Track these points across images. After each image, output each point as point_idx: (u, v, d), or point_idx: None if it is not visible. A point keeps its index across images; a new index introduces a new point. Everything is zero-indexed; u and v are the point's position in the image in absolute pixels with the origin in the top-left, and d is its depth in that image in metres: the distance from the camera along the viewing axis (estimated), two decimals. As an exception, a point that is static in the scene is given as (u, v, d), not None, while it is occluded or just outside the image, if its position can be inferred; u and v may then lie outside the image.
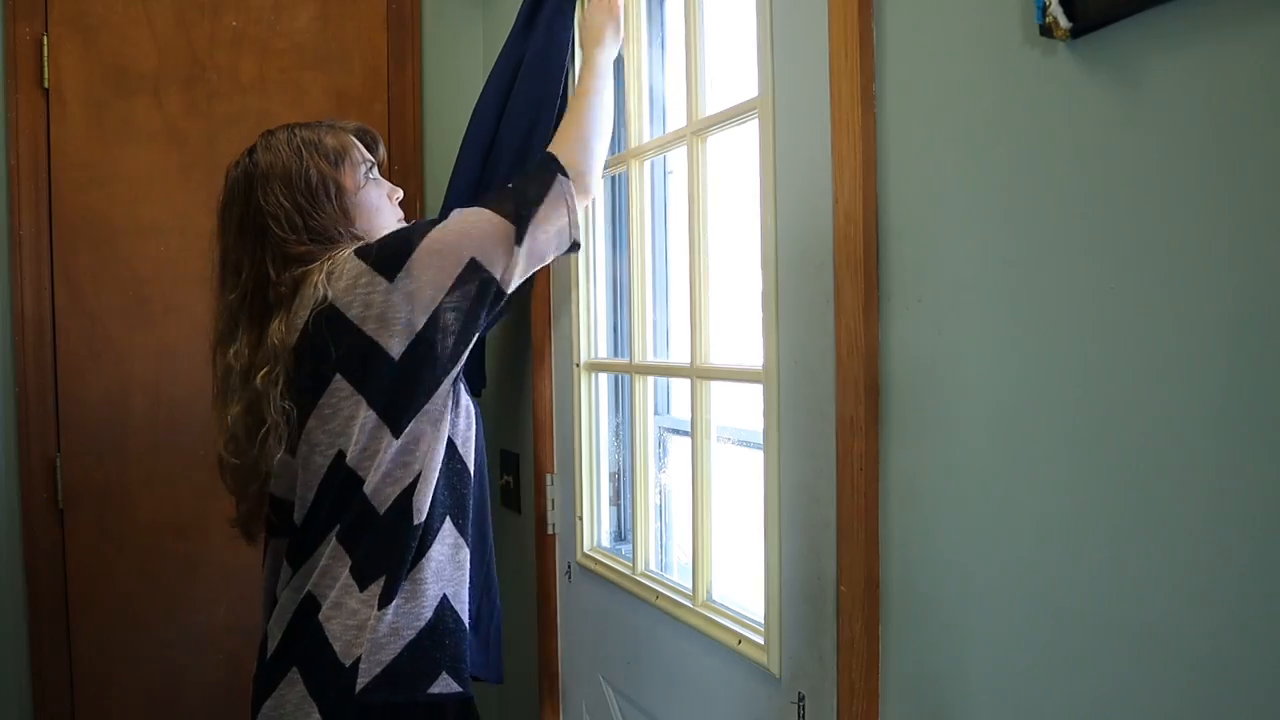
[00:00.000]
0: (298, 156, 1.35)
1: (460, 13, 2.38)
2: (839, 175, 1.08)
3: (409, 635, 1.28)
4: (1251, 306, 0.69)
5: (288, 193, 1.33)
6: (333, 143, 1.39)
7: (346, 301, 1.25)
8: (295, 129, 1.40)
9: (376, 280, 1.25)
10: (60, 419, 2.13)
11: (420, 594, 1.30)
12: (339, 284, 1.26)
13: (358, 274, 1.26)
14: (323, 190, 1.35)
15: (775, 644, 1.24)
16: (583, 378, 1.80)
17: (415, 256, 1.25)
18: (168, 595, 2.21)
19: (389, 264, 1.25)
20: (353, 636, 1.26)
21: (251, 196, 1.34)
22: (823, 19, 1.10)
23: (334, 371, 1.27)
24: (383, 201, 1.44)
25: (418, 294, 1.25)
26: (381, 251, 1.28)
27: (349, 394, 1.27)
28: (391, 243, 1.29)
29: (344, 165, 1.38)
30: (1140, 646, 0.78)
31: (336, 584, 1.28)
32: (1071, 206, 0.83)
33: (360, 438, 1.27)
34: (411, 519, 1.28)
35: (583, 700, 1.84)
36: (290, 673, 1.29)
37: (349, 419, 1.27)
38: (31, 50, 2.09)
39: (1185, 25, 0.72)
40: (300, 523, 1.34)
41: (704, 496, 1.44)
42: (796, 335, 1.19)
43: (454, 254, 1.26)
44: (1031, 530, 0.88)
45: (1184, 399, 0.74)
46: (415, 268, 1.25)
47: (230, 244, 1.37)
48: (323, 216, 1.34)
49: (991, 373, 0.92)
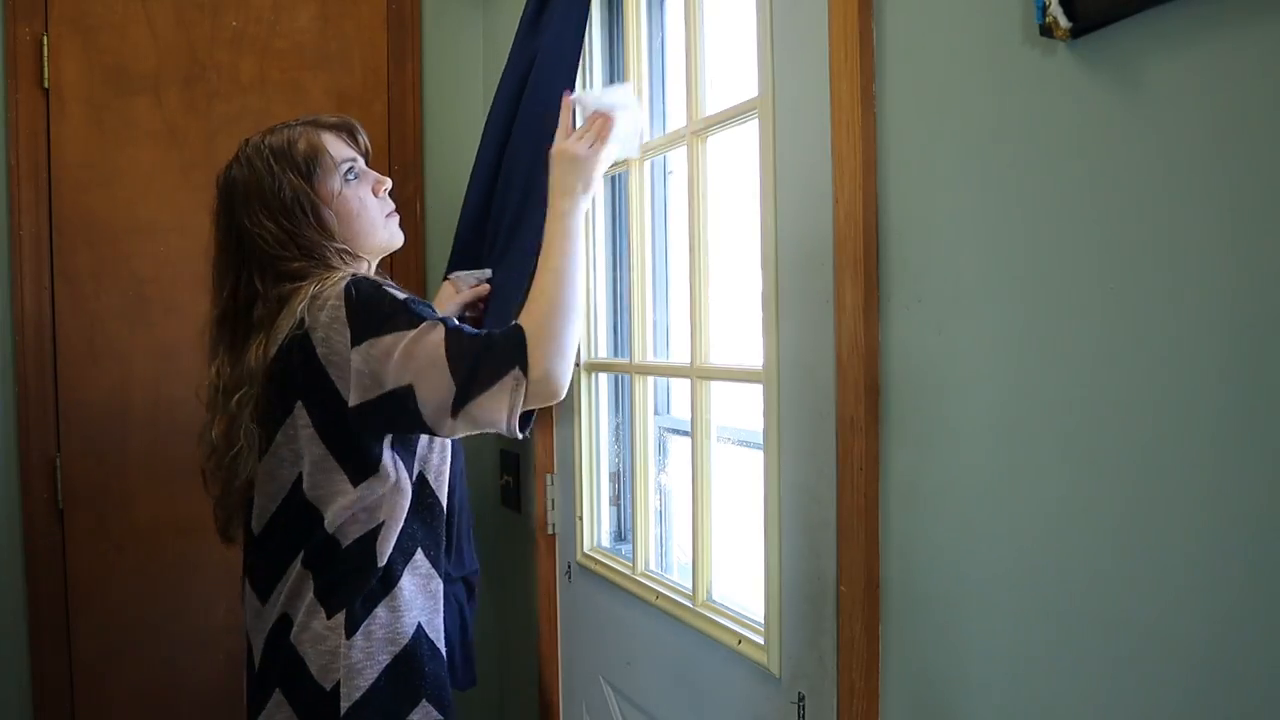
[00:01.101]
0: (269, 173, 1.31)
1: (460, 13, 2.38)
2: (839, 175, 1.08)
3: (384, 660, 1.27)
4: (1252, 306, 0.69)
5: (268, 213, 1.30)
6: (304, 148, 1.34)
7: (318, 336, 1.22)
8: (267, 138, 1.35)
9: (344, 330, 1.21)
10: (60, 419, 2.13)
11: (395, 621, 1.29)
12: (319, 314, 1.23)
13: (335, 316, 1.22)
14: (298, 207, 1.30)
15: (775, 644, 1.24)
16: (583, 378, 1.80)
17: (378, 341, 1.20)
18: (168, 595, 2.20)
19: (359, 327, 1.21)
20: (326, 661, 1.26)
21: (235, 214, 1.32)
22: (823, 19, 1.10)
23: (296, 399, 1.26)
24: (363, 204, 1.37)
25: (369, 370, 1.21)
26: (363, 309, 1.22)
27: (306, 424, 1.26)
28: (377, 308, 1.22)
29: (316, 173, 1.33)
30: (1141, 647, 0.78)
31: (304, 605, 1.28)
32: (1071, 206, 0.83)
33: (316, 473, 1.27)
34: (375, 560, 1.27)
35: (583, 700, 1.84)
36: (275, 695, 1.30)
37: (305, 449, 1.26)
38: (31, 50, 2.09)
39: (1185, 25, 0.72)
40: (258, 532, 1.34)
41: (704, 496, 1.44)
42: (796, 335, 1.19)
43: (400, 370, 1.20)
44: (1031, 530, 0.88)
45: (1184, 399, 0.74)
46: (373, 351, 1.20)
47: (217, 257, 1.36)
48: (306, 233, 1.31)
49: (991, 372, 0.92)
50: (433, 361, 1.20)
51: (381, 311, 1.22)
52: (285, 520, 1.30)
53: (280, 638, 1.30)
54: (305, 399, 1.25)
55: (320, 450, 1.26)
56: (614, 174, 1.77)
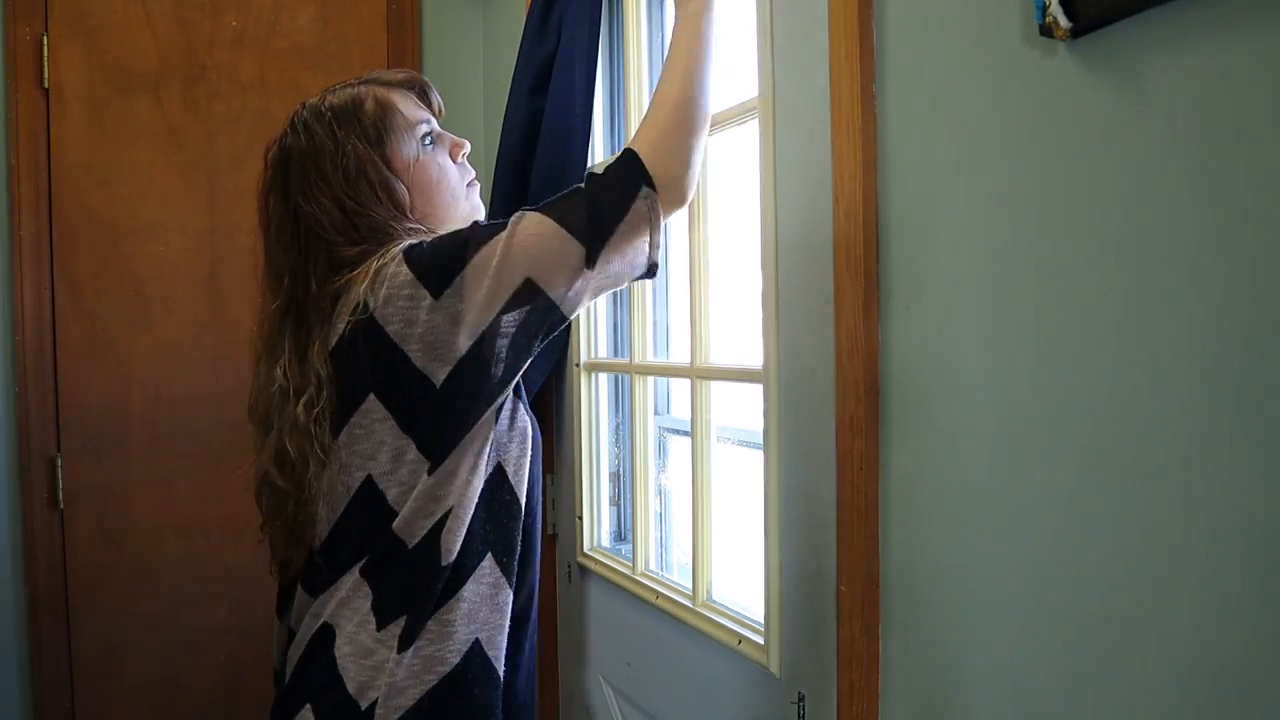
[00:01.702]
0: (331, 138, 1.16)
1: (460, 13, 2.38)
2: (839, 175, 1.08)
3: (431, 680, 1.13)
4: (1254, 306, 0.69)
5: (326, 188, 1.15)
6: (372, 108, 1.18)
7: (386, 314, 1.08)
8: (327, 98, 1.19)
9: (421, 294, 1.07)
10: (60, 419, 2.13)
11: (448, 636, 1.14)
12: (380, 292, 1.09)
13: (401, 284, 1.08)
14: (364, 181, 1.15)
15: (775, 644, 1.24)
16: (583, 378, 1.80)
17: (466, 272, 1.07)
18: (168, 595, 2.20)
19: (436, 277, 1.07)
20: (369, 677, 1.12)
21: (290, 193, 1.17)
22: (823, 19, 1.10)
23: (368, 391, 1.12)
24: (443, 172, 1.22)
25: (465, 315, 1.07)
26: (432, 260, 1.09)
27: (383, 417, 1.12)
28: (444, 250, 1.09)
29: (389, 139, 1.17)
30: (1142, 647, 0.78)
31: (356, 617, 1.15)
32: (1072, 206, 0.82)
33: (392, 466, 1.13)
34: (440, 558, 1.12)
35: (583, 700, 1.84)
36: (303, 710, 1.16)
37: (380, 444, 1.13)
38: (31, 50, 2.09)
39: (1185, 25, 0.72)
40: (319, 545, 1.19)
41: (704, 496, 1.44)
42: (796, 335, 1.19)
43: (509, 272, 1.07)
44: (1032, 530, 0.88)
45: (1186, 399, 0.74)
46: (466, 285, 1.07)
47: (270, 245, 1.20)
48: (374, 211, 1.15)
49: (991, 372, 0.92)
50: (539, 233, 1.07)
51: (456, 243, 1.09)
52: (349, 526, 1.16)
53: (319, 650, 1.17)
54: (377, 388, 1.12)
55: (401, 441, 1.12)
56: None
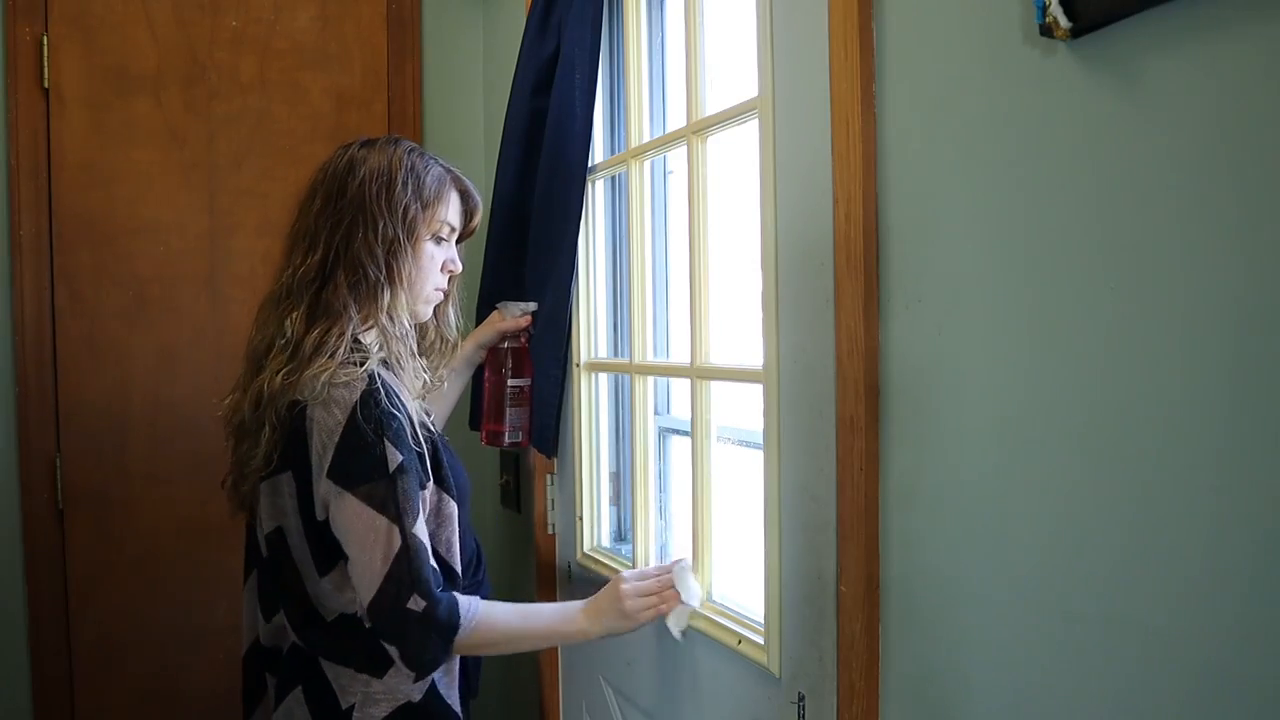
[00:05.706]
0: (401, 167, 1.31)
1: (460, 13, 2.38)
2: (839, 175, 1.08)
3: (400, 699, 1.26)
4: (1254, 306, 0.69)
5: (374, 188, 1.29)
6: (432, 183, 1.34)
7: (316, 425, 1.21)
8: (411, 148, 1.36)
9: (329, 453, 1.19)
10: (60, 419, 2.13)
11: (403, 690, 1.27)
12: (326, 411, 1.20)
13: (334, 426, 1.19)
14: (400, 211, 1.29)
15: (775, 644, 1.24)
16: (583, 378, 1.80)
17: (346, 496, 1.19)
18: (168, 595, 2.21)
19: (343, 463, 1.19)
20: (346, 683, 1.27)
21: (359, 191, 1.29)
22: (823, 19, 1.10)
23: (288, 467, 1.24)
24: (434, 265, 1.36)
25: (326, 505, 1.22)
26: (354, 448, 1.19)
27: (291, 495, 1.25)
28: (366, 452, 1.19)
29: (429, 209, 1.33)
30: (1142, 647, 0.78)
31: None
32: (1071, 206, 0.83)
33: (296, 540, 1.27)
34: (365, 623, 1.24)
35: (583, 700, 1.84)
36: (295, 690, 1.30)
37: (285, 513, 1.26)
38: (31, 50, 2.09)
39: (1185, 25, 0.72)
40: (265, 553, 1.32)
41: (704, 496, 1.44)
42: (796, 335, 1.19)
43: (345, 537, 1.22)
44: (1032, 530, 0.88)
45: (1187, 399, 0.74)
46: (342, 502, 1.20)
47: (313, 216, 1.31)
48: (379, 237, 1.28)
49: (991, 372, 0.92)
50: (371, 563, 1.19)
51: (365, 464, 1.19)
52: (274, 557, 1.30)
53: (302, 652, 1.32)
54: (294, 469, 1.24)
55: (298, 522, 1.25)
56: (614, 174, 1.77)
